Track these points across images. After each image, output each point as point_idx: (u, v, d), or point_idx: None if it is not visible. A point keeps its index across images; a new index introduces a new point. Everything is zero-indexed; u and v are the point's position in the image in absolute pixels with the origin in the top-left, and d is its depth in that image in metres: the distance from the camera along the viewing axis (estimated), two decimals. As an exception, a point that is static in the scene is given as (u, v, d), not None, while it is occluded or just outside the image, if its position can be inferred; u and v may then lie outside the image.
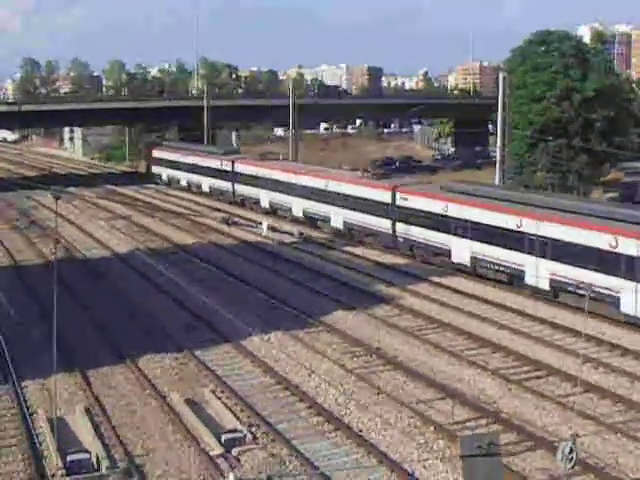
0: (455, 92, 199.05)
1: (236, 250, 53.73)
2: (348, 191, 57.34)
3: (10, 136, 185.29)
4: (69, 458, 23.01)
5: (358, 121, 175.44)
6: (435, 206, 48.47)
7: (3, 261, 51.74)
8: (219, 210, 71.17)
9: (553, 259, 40.09)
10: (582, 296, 35.63)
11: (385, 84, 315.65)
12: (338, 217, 58.30)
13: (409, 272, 46.69)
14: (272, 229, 59.78)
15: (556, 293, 40.42)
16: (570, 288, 38.97)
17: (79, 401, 28.27)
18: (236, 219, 65.18)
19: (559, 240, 39.66)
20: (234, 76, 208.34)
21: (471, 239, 45.43)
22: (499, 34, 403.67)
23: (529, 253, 41.47)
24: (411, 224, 50.62)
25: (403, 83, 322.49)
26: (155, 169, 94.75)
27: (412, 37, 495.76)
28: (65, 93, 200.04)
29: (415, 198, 50.75)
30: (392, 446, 24.52)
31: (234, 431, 25.18)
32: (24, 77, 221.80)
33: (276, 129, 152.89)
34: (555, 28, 71.42)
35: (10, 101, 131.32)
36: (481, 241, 44.75)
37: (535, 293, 41.35)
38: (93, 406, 27.86)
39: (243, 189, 73.26)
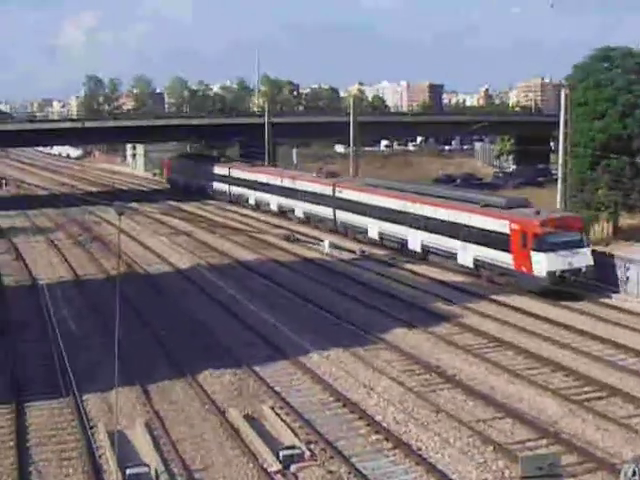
0: (516, 109, 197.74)
1: (296, 267, 53.84)
2: (307, 188, 72.76)
3: (74, 152, 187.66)
4: (128, 472, 23.15)
5: (419, 138, 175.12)
6: (356, 196, 64.31)
7: (66, 276, 52.26)
8: (279, 227, 71.38)
9: (423, 230, 54.84)
10: (439, 255, 53.38)
11: (446, 101, 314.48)
12: (300, 210, 74.54)
13: (469, 290, 46.40)
14: (334, 246, 59.77)
15: (425, 255, 55.14)
16: (433, 250, 54.22)
17: (139, 415, 28.46)
18: (298, 236, 65.27)
19: (426, 217, 54.50)
20: (295, 93, 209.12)
21: (379, 220, 60.71)
22: (563, 49, 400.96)
23: (409, 227, 56.56)
24: (344, 210, 65.82)
25: (464, 100, 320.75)
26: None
27: (473, 53, 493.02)
28: (128, 110, 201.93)
29: (346, 191, 66.22)
30: (451, 465, 24.33)
31: (292, 448, 25.15)
32: (88, 94, 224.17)
33: (336, 146, 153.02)
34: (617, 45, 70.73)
35: (74, 118, 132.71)
36: (385, 221, 59.92)
37: (412, 256, 56.01)
38: (153, 420, 28.04)
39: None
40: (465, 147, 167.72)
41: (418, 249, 55.66)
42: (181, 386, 31.41)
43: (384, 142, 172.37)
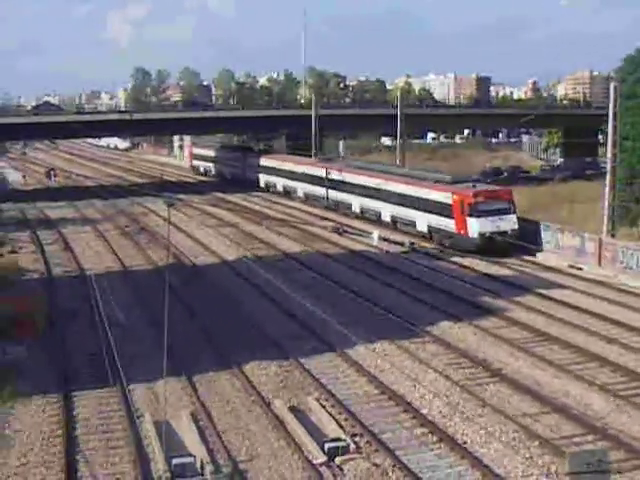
0: (564, 102, 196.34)
1: (343, 259, 53.86)
2: (306, 171, 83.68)
3: (121, 144, 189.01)
4: (174, 462, 23.30)
5: (466, 131, 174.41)
6: (342, 177, 75.44)
7: (113, 266, 52.68)
8: (326, 219, 71.43)
9: (392, 204, 65.34)
10: (404, 224, 63.72)
11: (493, 94, 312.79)
12: (301, 190, 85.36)
13: (516, 283, 46.16)
14: (383, 239, 59.71)
15: (395, 224, 65.23)
16: (400, 221, 64.44)
17: (185, 406, 28.64)
18: (346, 228, 65.29)
19: (393, 192, 64.97)
20: (342, 85, 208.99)
21: (360, 196, 71.38)
22: (612, 42, 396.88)
23: (382, 201, 67.16)
24: (334, 190, 76.68)
25: (511, 93, 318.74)
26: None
27: (521, 46, 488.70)
28: (175, 102, 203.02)
29: (334, 173, 77.03)
30: (496, 460, 24.24)
31: (337, 440, 25.20)
32: (135, 86, 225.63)
33: (383, 138, 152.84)
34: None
35: (122, 110, 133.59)
36: (365, 197, 70.60)
37: (385, 225, 66.04)
38: (199, 411, 28.21)
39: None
40: (512, 140, 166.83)
41: (389, 220, 66.51)
42: (227, 377, 31.55)
43: (431, 135, 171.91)
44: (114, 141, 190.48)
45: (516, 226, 55.16)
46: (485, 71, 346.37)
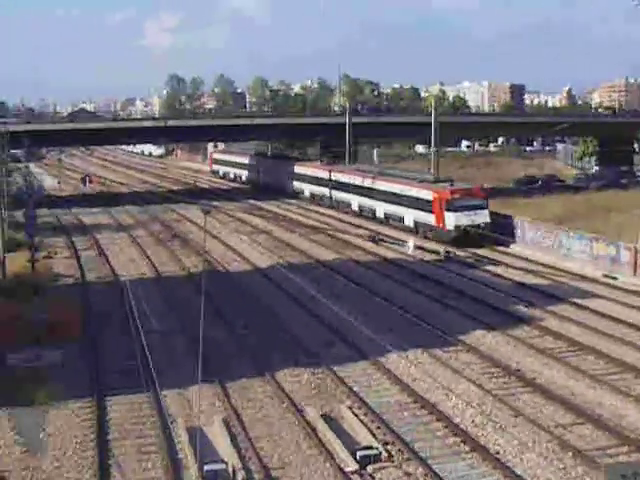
0: (600, 110, 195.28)
1: (378, 267, 53.79)
2: (313, 174, 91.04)
3: (156, 151, 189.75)
4: (206, 468, 23.34)
5: (500, 139, 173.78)
6: (343, 178, 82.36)
7: (147, 272, 52.92)
8: (360, 227, 71.40)
9: (384, 202, 72.59)
10: (395, 220, 70.56)
11: (527, 102, 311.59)
12: (307, 190, 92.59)
13: (549, 292, 45.88)
14: (418, 247, 59.58)
15: (387, 220, 71.94)
16: (391, 217, 71.51)
17: (217, 412, 28.69)
18: (382, 237, 65.20)
19: (385, 191, 72.28)
20: (376, 93, 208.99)
21: (359, 196, 78.50)
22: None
23: (377, 200, 74.20)
24: (337, 190, 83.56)
25: (546, 101, 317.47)
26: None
27: (556, 53, 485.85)
28: (209, 109, 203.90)
29: (336, 174, 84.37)
30: (529, 470, 24.09)
31: (369, 448, 25.16)
32: (170, 93, 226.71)
33: (417, 146, 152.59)
34: None
35: (156, 117, 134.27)
36: (361, 196, 77.94)
37: (380, 222, 72.83)
38: (231, 417, 28.25)
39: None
40: (547, 148, 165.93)
41: (382, 216, 73.45)
42: (259, 384, 31.58)
43: (465, 142, 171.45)
44: (148, 148, 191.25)
45: (488, 220, 62.33)
46: (519, 79, 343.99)
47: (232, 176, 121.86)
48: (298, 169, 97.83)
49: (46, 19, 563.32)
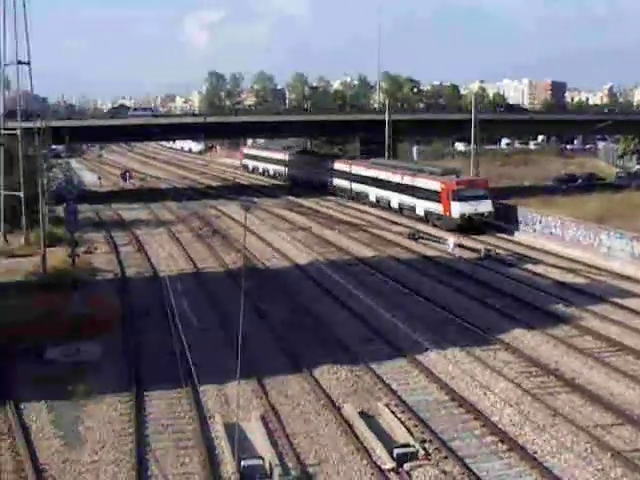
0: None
1: (416, 265, 53.66)
2: (335, 167, 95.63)
3: (195, 147, 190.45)
4: (243, 463, 23.40)
5: (540, 137, 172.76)
6: (362, 171, 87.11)
7: (186, 268, 53.11)
8: (399, 224, 71.29)
9: (398, 193, 77.47)
10: (408, 210, 75.68)
11: (568, 99, 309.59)
12: (334, 183, 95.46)
13: (589, 292, 45.53)
14: (459, 245, 59.40)
15: (401, 210, 76.98)
16: (405, 207, 76.54)
17: (255, 408, 28.75)
18: (422, 234, 65.04)
19: (399, 184, 77.37)
20: (416, 90, 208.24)
21: (375, 187, 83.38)
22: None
23: (391, 191, 79.33)
24: (356, 182, 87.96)
25: (587, 98, 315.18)
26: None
27: (597, 50, 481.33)
28: (249, 106, 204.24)
29: (356, 168, 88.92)
30: (567, 470, 23.94)
31: (407, 446, 25.11)
32: (210, 90, 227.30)
33: (457, 144, 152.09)
34: None
35: (196, 113, 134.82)
36: (378, 188, 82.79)
37: (394, 211, 77.94)
38: (268, 413, 28.29)
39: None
40: (587, 146, 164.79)
41: (396, 207, 78.42)
42: (297, 380, 31.62)
43: (505, 140, 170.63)
44: (188, 144, 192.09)
45: (491, 209, 67.74)
46: (560, 77, 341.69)
47: (260, 170, 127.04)
48: (324, 163, 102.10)
49: (87, 17, 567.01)
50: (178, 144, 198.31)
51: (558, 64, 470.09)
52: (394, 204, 78.93)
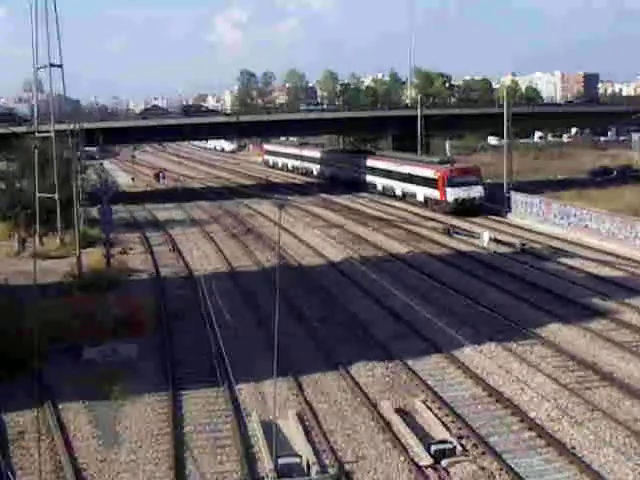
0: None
1: (451, 260, 53.50)
2: (353, 161, 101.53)
3: (228, 146, 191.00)
4: (280, 461, 23.40)
5: (574, 129, 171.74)
6: (372, 163, 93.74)
7: (220, 267, 53.24)
8: (432, 220, 71.15)
9: (401, 181, 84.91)
10: (410, 197, 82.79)
11: (601, 91, 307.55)
12: (349, 176, 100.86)
13: (625, 285, 45.20)
14: (494, 240, 59.14)
15: (404, 197, 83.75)
16: (407, 194, 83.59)
17: (292, 406, 28.76)
18: (457, 230, 64.83)
19: (401, 173, 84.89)
20: (447, 85, 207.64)
21: (382, 177, 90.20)
22: None
23: (395, 180, 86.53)
24: (369, 174, 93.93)
25: (620, 90, 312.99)
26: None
27: (630, 40, 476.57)
28: (280, 104, 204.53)
29: (369, 161, 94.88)
30: (606, 465, 23.77)
31: (444, 442, 25.03)
32: (241, 89, 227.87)
33: (490, 138, 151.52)
34: None
35: (228, 112, 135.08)
36: (385, 177, 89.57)
37: (397, 198, 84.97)
38: (305, 411, 28.30)
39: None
40: (621, 138, 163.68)
41: (400, 194, 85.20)
42: (333, 378, 31.59)
43: (538, 134, 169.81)
44: (221, 143, 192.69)
45: (482, 194, 75.11)
46: (593, 68, 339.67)
47: (280, 165, 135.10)
48: (334, 156, 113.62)
49: (117, 17, 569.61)
50: (211, 143, 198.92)
51: (590, 54, 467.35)
52: (398, 192, 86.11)
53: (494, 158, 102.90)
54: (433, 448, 24.55)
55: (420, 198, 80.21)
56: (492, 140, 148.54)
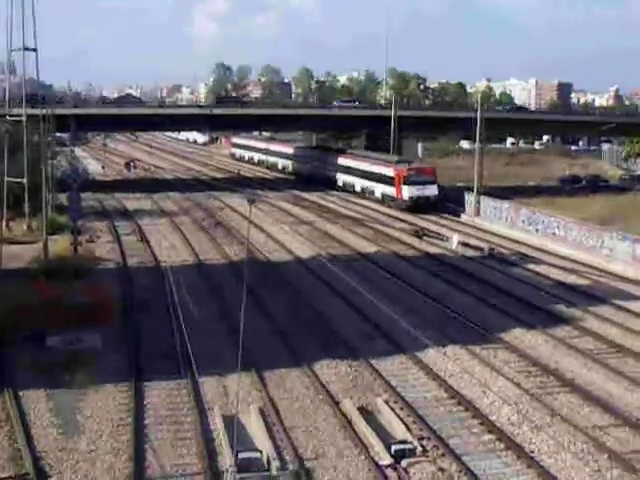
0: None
1: (419, 262, 53.61)
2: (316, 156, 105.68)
3: (200, 138, 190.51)
4: (241, 456, 23.38)
5: (545, 137, 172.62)
6: (341, 162, 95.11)
7: (188, 259, 53.12)
8: (404, 221, 71.26)
9: (362, 179, 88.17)
10: (369, 193, 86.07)
11: (574, 100, 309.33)
12: (330, 175, 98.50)
13: (590, 293, 45.55)
14: (462, 244, 59.27)
15: (364, 193, 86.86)
16: (366, 190, 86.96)
17: (254, 401, 28.75)
18: (426, 232, 64.91)
19: (362, 170, 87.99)
20: (422, 87, 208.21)
21: (342, 173, 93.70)
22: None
23: (355, 177, 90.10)
24: (342, 173, 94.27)
25: (593, 100, 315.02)
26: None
27: (604, 52, 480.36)
28: (255, 98, 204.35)
29: (342, 159, 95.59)
30: (564, 471, 23.97)
31: (404, 442, 25.13)
32: (216, 81, 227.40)
33: (462, 142, 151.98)
34: None
35: (202, 104, 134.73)
36: (345, 174, 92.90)
37: (357, 195, 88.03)
38: (267, 406, 28.30)
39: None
40: (592, 148, 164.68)
41: (359, 190, 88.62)
42: (297, 374, 31.60)
43: (510, 140, 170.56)
44: (193, 135, 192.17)
45: (436, 193, 78.56)
46: (567, 77, 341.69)
47: (246, 158, 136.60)
48: (301, 152, 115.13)
49: (96, 5, 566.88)
50: (183, 135, 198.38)
51: (565, 65, 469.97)
52: (357, 188, 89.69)
53: (466, 162, 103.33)
54: (393, 448, 24.64)
55: (377, 195, 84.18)
56: (464, 144, 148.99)
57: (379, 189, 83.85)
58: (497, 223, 70.08)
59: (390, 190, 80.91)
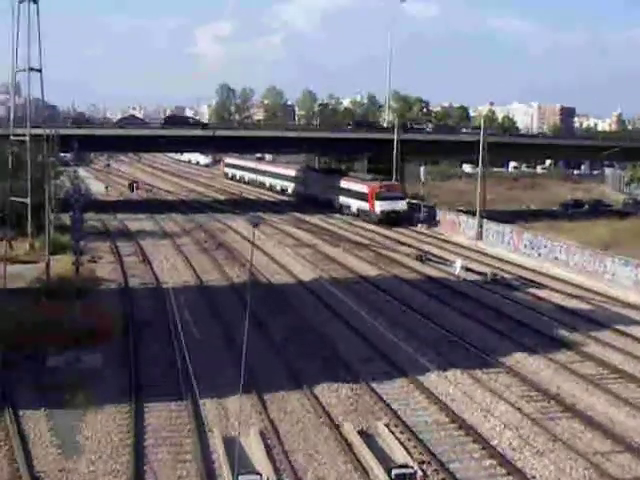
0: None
1: (421, 286, 53.53)
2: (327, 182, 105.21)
3: (203, 160, 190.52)
4: (241, 478, 23.21)
5: (548, 161, 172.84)
6: (345, 185, 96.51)
7: (190, 280, 53.09)
8: (406, 245, 71.20)
9: (340, 195, 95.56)
10: (346, 208, 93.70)
11: (577, 125, 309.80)
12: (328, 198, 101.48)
13: (592, 318, 45.46)
14: (466, 269, 59.15)
15: (342, 210, 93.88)
16: (343, 205, 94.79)
17: (254, 423, 28.68)
18: (429, 256, 64.82)
19: (340, 187, 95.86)
20: (425, 110, 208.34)
21: (353, 199, 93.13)
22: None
23: (338, 195, 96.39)
24: (342, 196, 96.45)
25: (595, 124, 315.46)
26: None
27: (607, 77, 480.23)
28: (258, 120, 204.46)
29: (342, 182, 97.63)
30: (566, 496, 23.90)
31: (405, 466, 25.00)
32: (219, 103, 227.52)
33: (464, 165, 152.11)
34: None
35: (206, 124, 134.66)
36: (350, 198, 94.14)
37: (339, 212, 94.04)
38: (267, 429, 28.22)
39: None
40: (595, 172, 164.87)
41: (337, 206, 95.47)
42: (297, 397, 31.54)
43: (513, 164, 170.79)
44: (196, 157, 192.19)
45: (405, 207, 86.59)
46: (570, 102, 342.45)
47: (238, 177, 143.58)
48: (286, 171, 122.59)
49: (98, 25, 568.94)
50: (186, 156, 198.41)
51: (567, 89, 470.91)
52: (336, 204, 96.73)
53: (467, 185, 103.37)
54: (394, 472, 24.46)
55: (354, 210, 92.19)
56: (467, 168, 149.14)
57: (355, 205, 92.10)
58: (499, 247, 70.06)
59: (364, 205, 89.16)
